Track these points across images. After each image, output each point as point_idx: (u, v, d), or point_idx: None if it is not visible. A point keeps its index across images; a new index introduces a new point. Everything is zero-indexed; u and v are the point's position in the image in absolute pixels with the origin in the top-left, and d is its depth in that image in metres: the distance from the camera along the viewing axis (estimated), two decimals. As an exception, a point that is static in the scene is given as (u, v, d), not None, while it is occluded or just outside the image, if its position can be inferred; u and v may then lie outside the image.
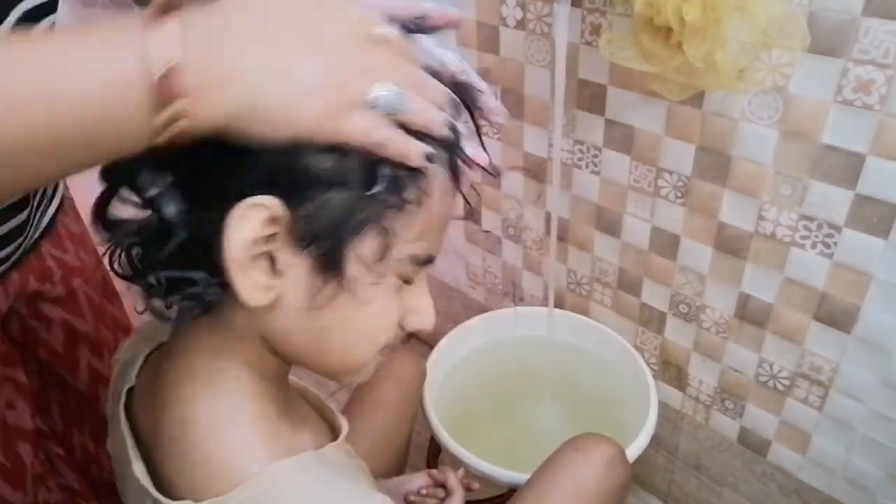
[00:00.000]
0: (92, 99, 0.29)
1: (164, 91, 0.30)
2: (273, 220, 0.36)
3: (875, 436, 0.81)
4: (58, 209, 0.66)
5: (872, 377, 0.78)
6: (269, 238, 0.36)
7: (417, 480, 0.75)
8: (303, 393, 0.56)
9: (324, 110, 0.34)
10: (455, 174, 0.41)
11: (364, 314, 0.41)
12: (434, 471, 0.76)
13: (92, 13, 1.20)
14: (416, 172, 0.38)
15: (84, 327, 0.70)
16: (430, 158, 0.37)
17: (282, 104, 0.33)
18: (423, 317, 0.45)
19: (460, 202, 0.43)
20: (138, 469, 0.42)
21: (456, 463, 0.87)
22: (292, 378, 0.51)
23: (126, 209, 0.39)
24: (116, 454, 0.46)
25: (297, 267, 0.38)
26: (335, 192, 0.36)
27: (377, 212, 0.37)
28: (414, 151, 0.37)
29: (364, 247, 0.38)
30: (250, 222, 0.35)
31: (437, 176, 0.39)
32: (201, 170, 0.36)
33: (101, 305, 0.72)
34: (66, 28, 0.31)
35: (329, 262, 0.38)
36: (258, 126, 0.33)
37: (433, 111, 0.37)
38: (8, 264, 0.58)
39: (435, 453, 1.03)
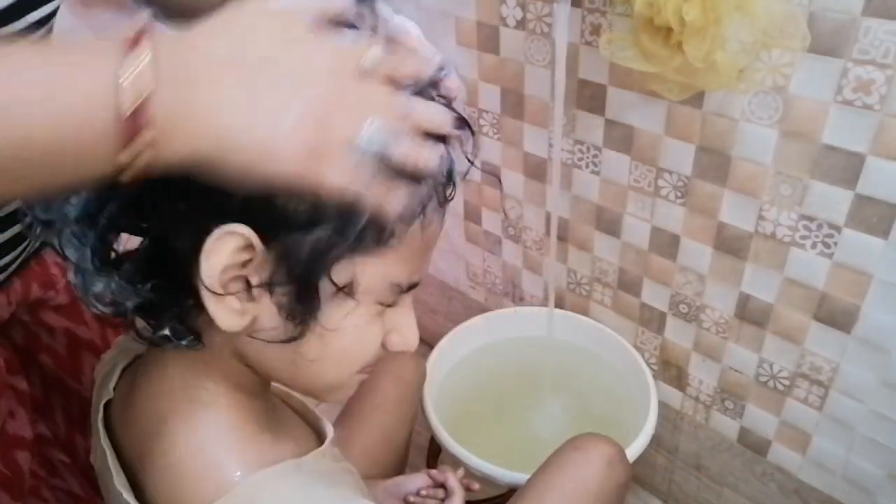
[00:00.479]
0: (59, 119, 0.28)
1: (132, 123, 0.28)
2: (247, 247, 0.35)
3: (875, 436, 0.81)
4: None
5: (872, 377, 0.78)
6: (244, 263, 0.36)
7: (416, 481, 0.75)
8: (285, 399, 0.55)
9: (302, 152, 0.31)
10: (443, 200, 0.39)
11: (342, 339, 0.40)
12: (433, 471, 0.76)
13: (91, 13, 1.20)
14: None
15: (87, 335, 0.69)
16: (406, 214, 0.36)
17: (256, 145, 0.31)
18: (405, 338, 0.43)
19: (444, 219, 0.42)
20: (120, 483, 0.42)
21: (456, 463, 0.87)
22: (274, 385, 0.50)
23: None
24: (100, 467, 0.46)
25: (264, 303, 0.38)
26: (310, 230, 0.35)
27: (354, 248, 0.36)
28: (392, 206, 0.35)
29: (339, 279, 0.37)
30: (223, 249, 0.35)
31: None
32: (174, 199, 0.36)
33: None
34: (36, 44, 0.30)
35: (303, 291, 0.37)
36: (230, 167, 0.31)
37: (422, 149, 0.35)
38: (9, 271, 0.58)
39: (435, 453, 1.03)
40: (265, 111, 0.31)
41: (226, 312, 0.36)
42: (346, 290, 0.37)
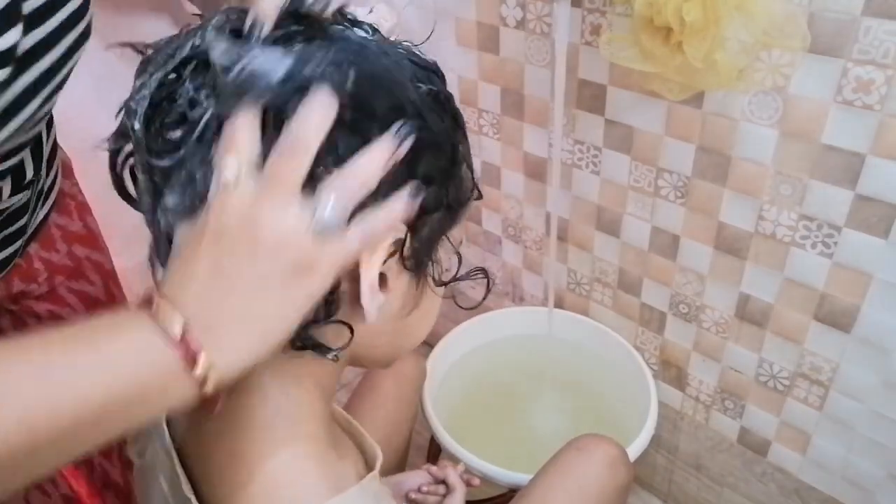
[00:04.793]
0: (125, 384, 0.31)
1: (187, 347, 0.32)
2: (396, 242, 0.38)
3: (875, 436, 0.81)
4: (50, 209, 0.66)
5: (872, 377, 0.78)
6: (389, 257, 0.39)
7: (417, 477, 0.75)
8: (332, 413, 0.54)
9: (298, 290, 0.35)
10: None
11: (437, 299, 0.46)
12: (433, 467, 0.76)
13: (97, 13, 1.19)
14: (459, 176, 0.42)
15: (73, 317, 0.70)
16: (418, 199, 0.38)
17: (277, 319, 0.35)
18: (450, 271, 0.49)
19: None
20: (188, 489, 0.42)
21: (455, 461, 0.87)
22: None
23: None
24: (149, 465, 0.45)
25: (400, 280, 0.41)
26: (439, 212, 0.40)
27: (456, 217, 0.43)
28: (398, 213, 0.37)
29: (442, 247, 0.43)
30: (383, 248, 0.38)
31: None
32: None
33: (97, 300, 0.72)
34: (51, 334, 0.32)
35: (421, 268, 0.42)
36: (278, 345, 0.36)
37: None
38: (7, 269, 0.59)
39: (435, 453, 1.03)
40: (263, 296, 0.34)
41: (376, 308, 0.39)
42: (444, 252, 0.44)
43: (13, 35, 0.39)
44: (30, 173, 0.56)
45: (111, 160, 0.39)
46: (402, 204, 0.37)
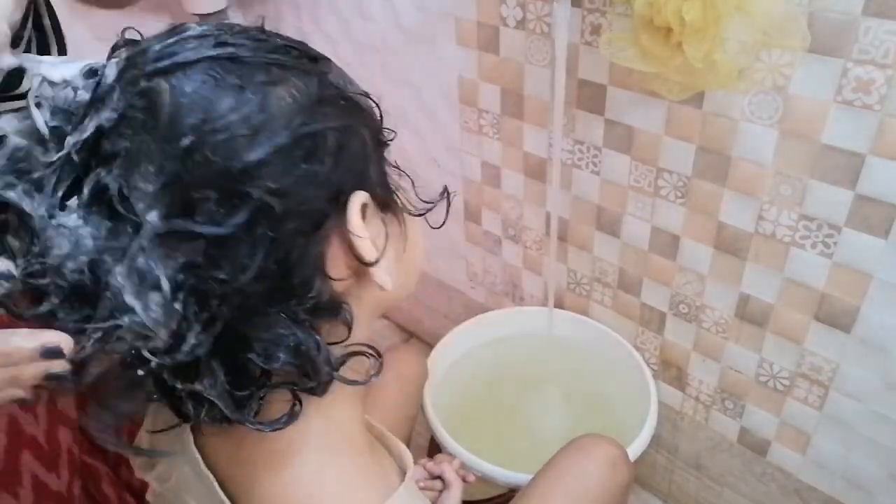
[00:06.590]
0: None
1: None
2: (364, 206, 0.39)
3: (875, 436, 0.81)
4: None
5: (872, 377, 0.78)
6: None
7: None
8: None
9: None
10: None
11: (417, 221, 0.46)
12: (429, 462, 0.76)
13: (91, 12, 1.20)
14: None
15: None
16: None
17: None
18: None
19: None
20: None
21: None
22: None
23: None
24: (171, 490, 0.45)
25: (382, 229, 0.42)
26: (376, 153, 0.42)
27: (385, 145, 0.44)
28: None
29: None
30: (355, 211, 0.39)
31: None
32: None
33: None
34: None
35: (393, 205, 0.44)
36: None
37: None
38: None
39: (435, 453, 1.03)
40: None
41: (369, 246, 0.40)
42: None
43: None
44: None
45: None
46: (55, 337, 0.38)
